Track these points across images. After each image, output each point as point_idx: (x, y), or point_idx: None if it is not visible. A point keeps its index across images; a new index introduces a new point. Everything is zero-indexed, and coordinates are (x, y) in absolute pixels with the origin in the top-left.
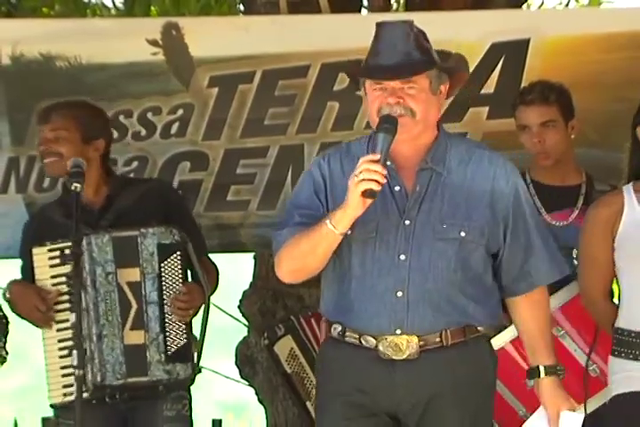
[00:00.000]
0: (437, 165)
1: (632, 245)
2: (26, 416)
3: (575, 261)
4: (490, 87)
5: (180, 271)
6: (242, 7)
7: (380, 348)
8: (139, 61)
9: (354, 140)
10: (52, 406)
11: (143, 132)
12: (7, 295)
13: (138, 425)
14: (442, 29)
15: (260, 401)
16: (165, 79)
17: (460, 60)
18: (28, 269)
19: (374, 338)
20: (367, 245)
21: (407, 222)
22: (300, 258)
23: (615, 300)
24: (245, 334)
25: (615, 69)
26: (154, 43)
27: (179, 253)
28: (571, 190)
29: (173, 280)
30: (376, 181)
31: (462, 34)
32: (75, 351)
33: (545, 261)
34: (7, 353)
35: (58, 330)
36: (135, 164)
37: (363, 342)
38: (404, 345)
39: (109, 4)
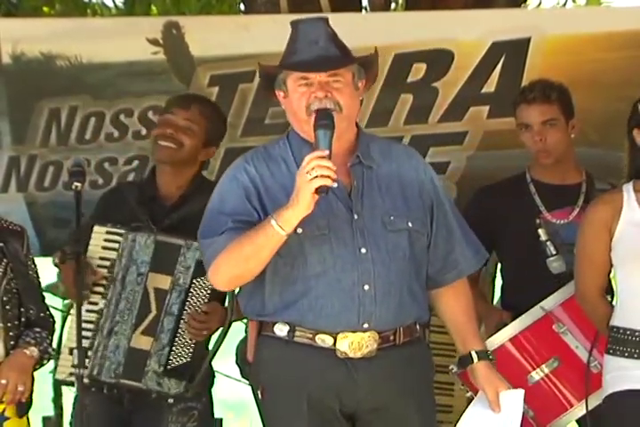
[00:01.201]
0: (366, 159)
1: (629, 244)
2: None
3: None
4: (490, 86)
5: (208, 291)
6: (242, 6)
7: (339, 346)
8: (139, 60)
9: (269, 144)
10: (58, 381)
11: (144, 131)
12: (56, 260)
13: None
14: (442, 28)
15: (257, 402)
16: (166, 78)
17: (374, 56)
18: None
19: (332, 336)
20: (322, 242)
21: (356, 217)
22: (242, 263)
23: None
24: (245, 333)
25: (615, 68)
26: (154, 42)
27: None
28: (571, 189)
29: (199, 298)
30: (329, 176)
31: (462, 33)
32: (75, 351)
33: (468, 249)
34: (54, 350)
35: (86, 311)
36: (136, 163)
37: (317, 341)
38: (364, 342)
39: (110, 4)
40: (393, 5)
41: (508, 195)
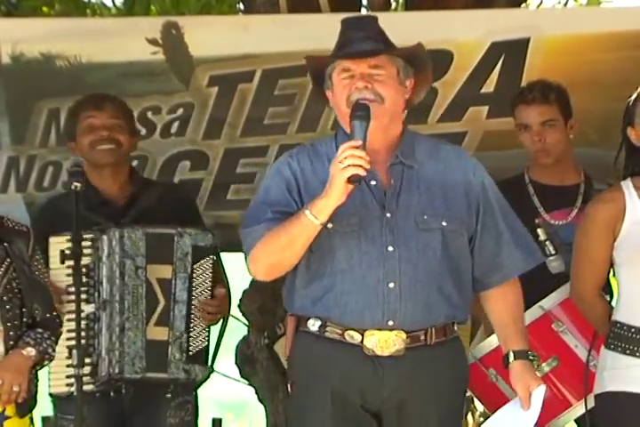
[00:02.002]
0: (407, 159)
1: (633, 244)
2: None
3: None
4: (490, 86)
5: (210, 275)
6: (242, 6)
7: (366, 343)
8: (138, 61)
9: (318, 141)
10: (51, 396)
11: (143, 131)
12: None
13: None
14: (442, 28)
15: (260, 400)
16: (165, 78)
17: (424, 52)
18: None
19: (360, 333)
20: (351, 238)
21: (389, 215)
22: (278, 252)
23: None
24: (245, 333)
25: (615, 69)
26: (154, 42)
27: (212, 256)
28: (570, 190)
29: (203, 283)
30: (361, 166)
31: (462, 33)
32: (74, 351)
33: (516, 251)
34: (54, 351)
35: (67, 320)
36: (135, 163)
37: (346, 337)
38: (391, 341)
39: (109, 4)
40: (393, 5)
41: (507, 196)
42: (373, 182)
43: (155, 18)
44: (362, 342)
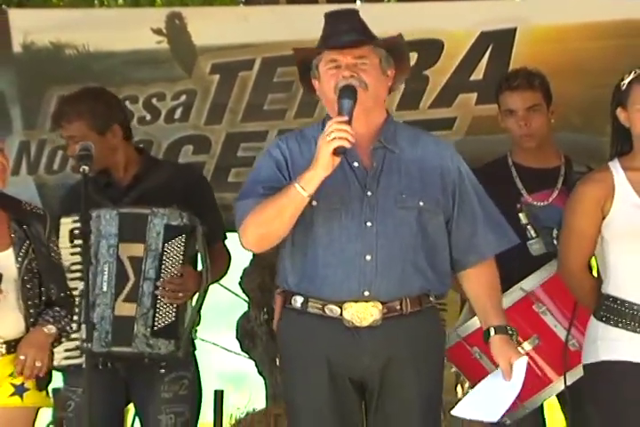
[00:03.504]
0: (390, 144)
1: (624, 222)
2: None
3: (555, 241)
4: (478, 74)
5: (181, 253)
6: None
7: (345, 315)
8: (144, 49)
9: (307, 127)
10: (54, 368)
11: (148, 116)
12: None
13: (139, 406)
14: (433, 19)
15: (260, 373)
16: (169, 66)
17: (402, 42)
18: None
19: (338, 307)
20: (333, 215)
21: (369, 194)
22: (267, 223)
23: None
24: (246, 309)
25: (597, 57)
26: (158, 32)
27: (184, 235)
28: (550, 172)
29: (173, 261)
30: (346, 139)
31: (452, 23)
32: (83, 326)
33: (491, 233)
34: (72, 328)
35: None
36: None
37: (326, 311)
38: (368, 312)
39: None
40: None
41: (491, 178)
42: (356, 164)
43: (159, 9)
44: (341, 314)
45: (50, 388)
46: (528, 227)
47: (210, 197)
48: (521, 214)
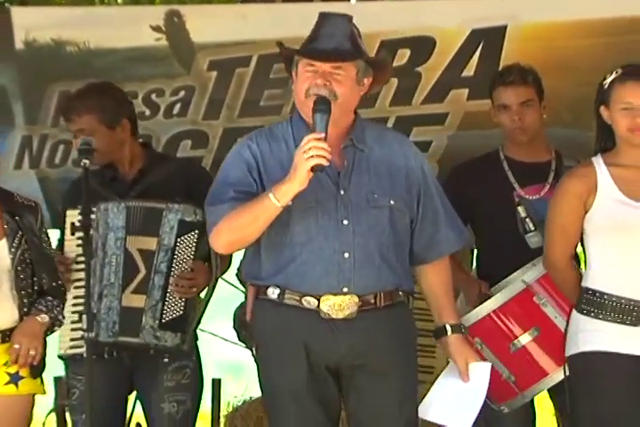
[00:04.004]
0: (359, 143)
1: (605, 216)
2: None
3: None
4: (470, 70)
5: (193, 248)
6: None
7: (322, 308)
8: (143, 46)
9: (274, 125)
10: (60, 357)
11: (147, 112)
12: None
13: (142, 394)
14: (425, 16)
15: (255, 358)
16: (168, 63)
17: (387, 59)
18: (62, 230)
19: (316, 299)
20: (309, 214)
21: (342, 192)
22: (241, 229)
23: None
24: (243, 300)
25: (586, 54)
26: (157, 29)
27: (197, 231)
28: (542, 166)
29: (185, 255)
30: (324, 156)
31: (444, 21)
32: (84, 316)
33: (451, 231)
34: (64, 317)
35: (74, 287)
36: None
37: (304, 303)
38: (344, 305)
39: None
40: None
41: (483, 172)
42: (327, 164)
43: (158, 6)
44: (318, 306)
45: (52, 376)
46: (527, 220)
47: None
48: (519, 208)
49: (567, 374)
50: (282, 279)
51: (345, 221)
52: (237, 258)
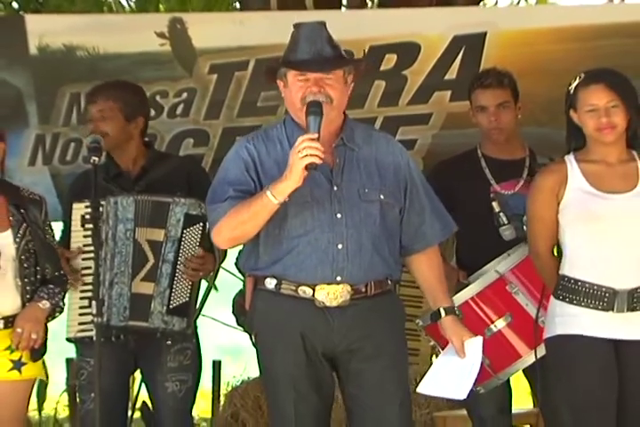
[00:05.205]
0: (350, 142)
1: (576, 207)
2: (53, 358)
3: (525, 227)
4: (452, 74)
5: (198, 239)
6: (238, 4)
7: (317, 296)
8: (148, 51)
9: (269, 127)
10: (69, 340)
11: (152, 112)
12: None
13: (147, 375)
14: (411, 24)
15: (254, 345)
16: (171, 67)
17: (364, 59)
18: (67, 222)
19: (311, 288)
20: (305, 208)
21: (335, 188)
22: (241, 226)
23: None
24: (241, 287)
25: (560, 59)
26: (161, 35)
27: (201, 224)
28: (516, 163)
29: (191, 246)
30: (317, 155)
31: (428, 28)
32: (93, 302)
33: (436, 222)
34: (64, 304)
35: (82, 275)
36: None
37: (299, 292)
38: (338, 293)
39: (124, 2)
40: (369, 4)
41: (463, 168)
42: (321, 162)
43: (163, 14)
44: (313, 295)
45: (64, 358)
46: (500, 214)
47: (208, 188)
48: (494, 203)
49: (538, 356)
50: (279, 269)
51: (339, 215)
52: (236, 248)
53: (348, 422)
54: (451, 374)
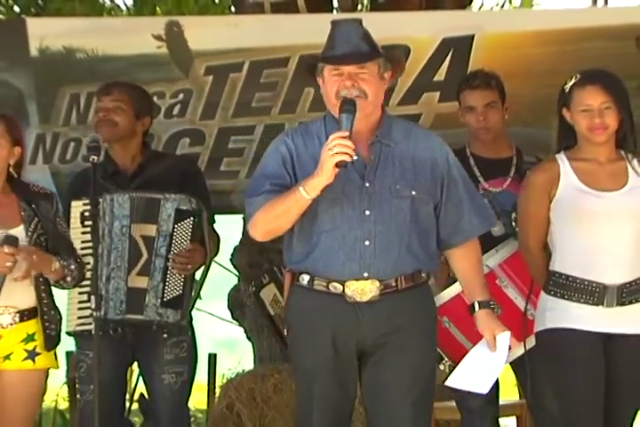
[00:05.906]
0: (385, 138)
1: (567, 205)
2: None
3: (514, 223)
4: (441, 75)
5: (189, 234)
6: (233, 8)
7: (347, 292)
8: (146, 53)
9: (311, 121)
10: (68, 334)
11: None
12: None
13: (144, 367)
14: (400, 27)
15: (249, 338)
16: (168, 68)
17: (402, 51)
18: (66, 219)
19: (341, 284)
20: (335, 204)
21: (367, 185)
22: (275, 220)
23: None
24: (236, 282)
25: (544, 61)
26: (158, 38)
27: (192, 218)
28: (504, 162)
29: (182, 240)
30: (348, 153)
31: (417, 30)
32: (92, 297)
33: (475, 216)
34: (77, 273)
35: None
36: None
37: (330, 288)
38: (367, 289)
39: (122, 5)
40: (359, 7)
41: None
42: (355, 158)
43: (159, 17)
44: (343, 291)
45: (64, 351)
46: None
47: (202, 186)
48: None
49: (527, 348)
50: (309, 264)
51: (367, 212)
52: (231, 245)
53: (366, 418)
54: (479, 368)
